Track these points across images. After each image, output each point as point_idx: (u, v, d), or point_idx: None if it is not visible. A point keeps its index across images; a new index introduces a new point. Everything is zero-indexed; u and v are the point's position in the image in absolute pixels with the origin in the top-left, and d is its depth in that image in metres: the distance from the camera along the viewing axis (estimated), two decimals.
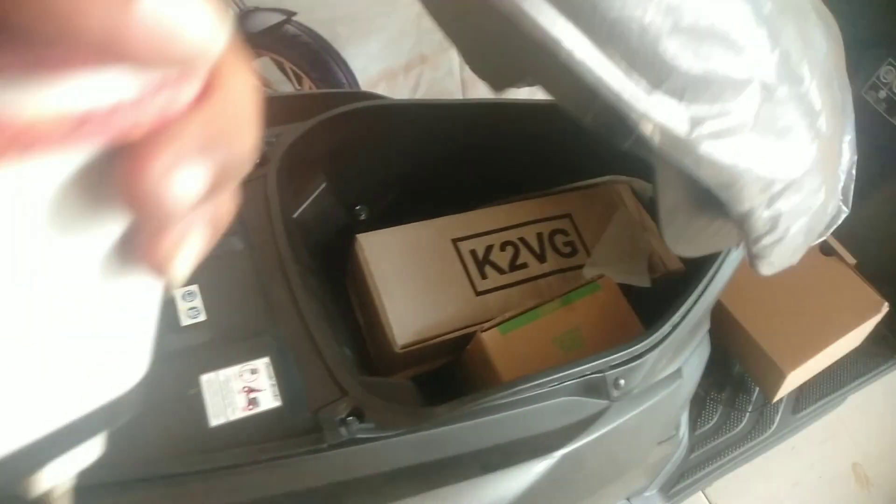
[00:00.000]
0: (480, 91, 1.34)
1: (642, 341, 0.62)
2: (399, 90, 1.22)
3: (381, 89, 1.20)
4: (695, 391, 1.06)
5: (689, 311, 0.65)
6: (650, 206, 0.91)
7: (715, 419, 1.04)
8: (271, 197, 0.66)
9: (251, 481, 0.49)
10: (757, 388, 1.05)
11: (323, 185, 0.73)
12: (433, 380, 0.77)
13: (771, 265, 0.57)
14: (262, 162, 0.69)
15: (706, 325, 0.85)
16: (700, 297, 0.66)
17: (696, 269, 0.70)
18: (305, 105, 0.77)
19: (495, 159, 0.87)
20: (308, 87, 1.14)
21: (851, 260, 0.93)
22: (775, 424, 1.04)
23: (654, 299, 0.74)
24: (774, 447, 1.12)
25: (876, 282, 0.95)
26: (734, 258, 0.69)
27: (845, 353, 1.03)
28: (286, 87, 1.10)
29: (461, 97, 1.31)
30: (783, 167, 0.45)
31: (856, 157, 0.60)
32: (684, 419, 0.97)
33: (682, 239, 0.60)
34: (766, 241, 0.51)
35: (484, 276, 0.80)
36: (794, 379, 0.94)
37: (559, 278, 0.82)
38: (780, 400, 1.05)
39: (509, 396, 0.56)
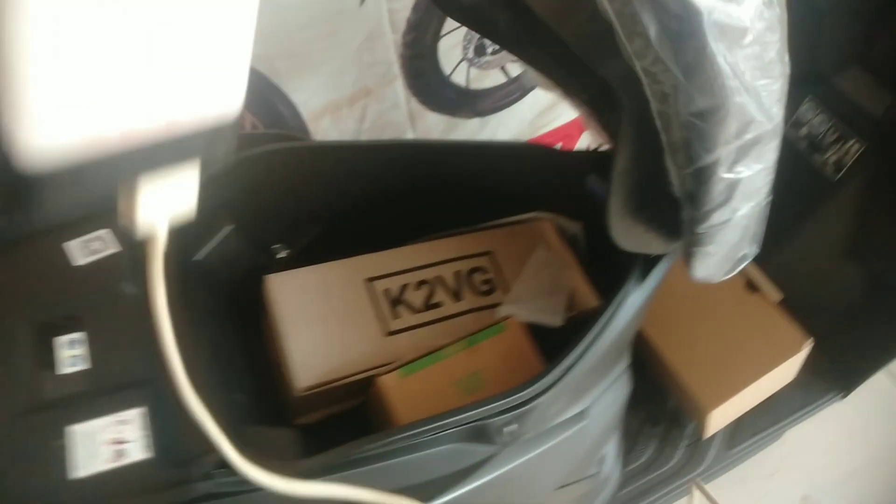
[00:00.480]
0: (429, 122, 1.35)
1: (529, 387, 0.62)
2: (345, 123, 1.23)
3: (326, 122, 1.21)
4: (627, 421, 1.06)
5: (581, 355, 0.65)
6: (574, 243, 0.91)
7: (648, 454, 1.04)
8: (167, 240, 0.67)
9: None
10: (692, 424, 1.04)
11: (229, 229, 0.73)
12: (354, 419, 0.77)
13: (706, 263, 0.57)
14: None
15: (622, 363, 0.85)
16: (594, 341, 0.66)
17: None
18: None
19: (417, 199, 0.88)
20: (249, 121, 1.15)
21: (777, 297, 0.93)
22: (708, 461, 1.03)
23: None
24: (722, 477, 1.11)
25: (804, 317, 0.95)
26: (633, 301, 0.69)
27: (780, 388, 1.02)
28: None
29: (410, 129, 1.32)
30: (761, 110, 0.46)
31: (770, 198, 0.60)
32: (611, 453, 0.96)
33: (625, 236, 0.61)
34: (715, 218, 0.51)
35: (396, 316, 0.80)
36: (721, 416, 0.93)
37: (474, 317, 0.82)
38: (715, 435, 1.05)
39: (382, 447, 0.56)
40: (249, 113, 1.13)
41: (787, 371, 0.93)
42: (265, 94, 1.11)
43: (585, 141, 1.56)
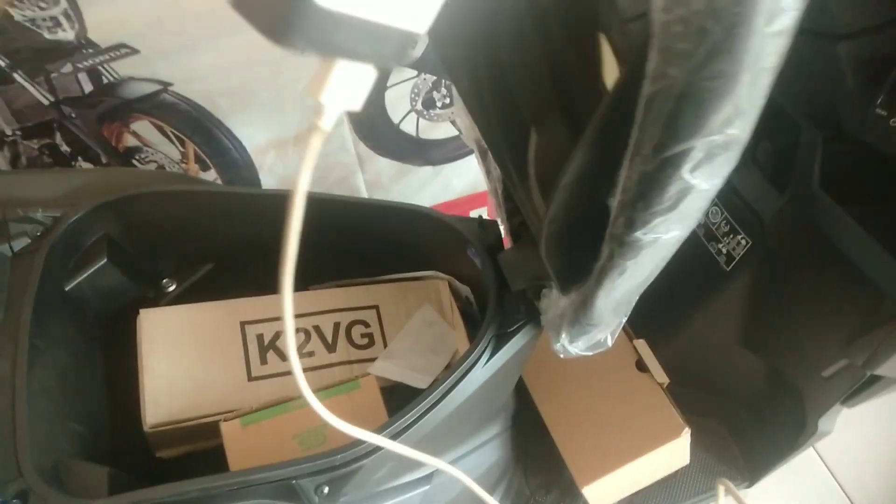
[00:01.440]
0: (379, 166, 1.38)
1: (347, 451, 0.62)
2: (291, 159, 1.26)
3: (271, 158, 1.25)
4: (519, 487, 1.04)
5: (410, 425, 0.65)
6: (466, 305, 0.92)
7: None
8: (34, 270, 0.70)
9: None
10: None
11: (101, 263, 0.76)
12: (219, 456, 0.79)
13: (614, 288, 0.54)
14: (43, 236, 0.74)
15: (490, 428, 0.85)
16: (426, 412, 0.66)
17: None
18: (111, 180, 0.81)
19: (315, 247, 0.89)
20: (192, 150, 1.19)
21: (663, 379, 0.92)
22: None
23: None
24: None
25: (708, 402, 0.93)
26: (477, 376, 0.69)
27: (675, 470, 1.00)
28: (168, 148, 1.16)
29: (359, 170, 1.35)
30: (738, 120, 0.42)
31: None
32: None
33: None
34: (653, 225, 0.48)
35: (264, 362, 0.81)
36: (598, 494, 0.92)
37: (345, 369, 0.84)
38: None
39: (176, 497, 0.57)
40: (192, 142, 1.17)
41: (671, 455, 0.92)
42: (208, 127, 1.15)
43: None
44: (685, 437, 0.89)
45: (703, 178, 0.46)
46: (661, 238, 0.52)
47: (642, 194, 0.48)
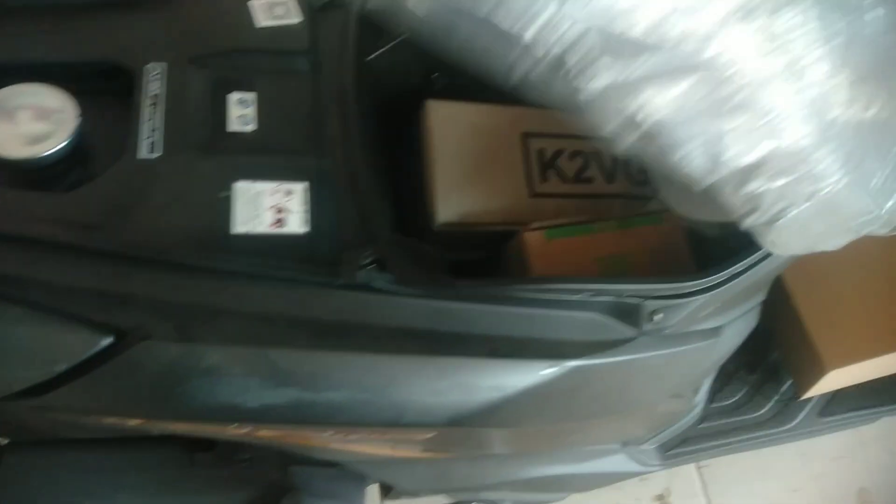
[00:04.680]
0: None
1: (693, 280, 0.58)
2: None
3: None
4: (725, 362, 1.02)
5: (749, 267, 0.60)
6: None
7: (736, 398, 1.00)
8: (350, 29, 0.62)
9: (256, 294, 0.48)
10: (789, 382, 0.99)
11: (403, 36, 0.68)
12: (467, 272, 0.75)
13: (775, 245, 0.53)
14: None
15: (761, 295, 0.80)
16: (761, 259, 0.60)
17: None
18: None
19: None
20: None
21: None
22: (795, 422, 0.99)
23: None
24: (785, 446, 1.07)
25: None
26: None
27: (886, 375, 0.96)
28: None
29: None
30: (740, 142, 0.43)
31: None
32: (706, 386, 0.93)
33: (683, 202, 0.59)
34: (751, 220, 0.49)
35: (545, 179, 0.75)
36: (835, 379, 0.88)
37: (622, 203, 0.77)
38: (810, 399, 1.00)
39: (537, 292, 0.53)
40: None
41: None
42: None
43: None
44: None
45: (763, 183, 0.46)
46: (783, 218, 0.48)
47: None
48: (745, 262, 0.60)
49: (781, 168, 0.46)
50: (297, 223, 0.52)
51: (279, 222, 0.51)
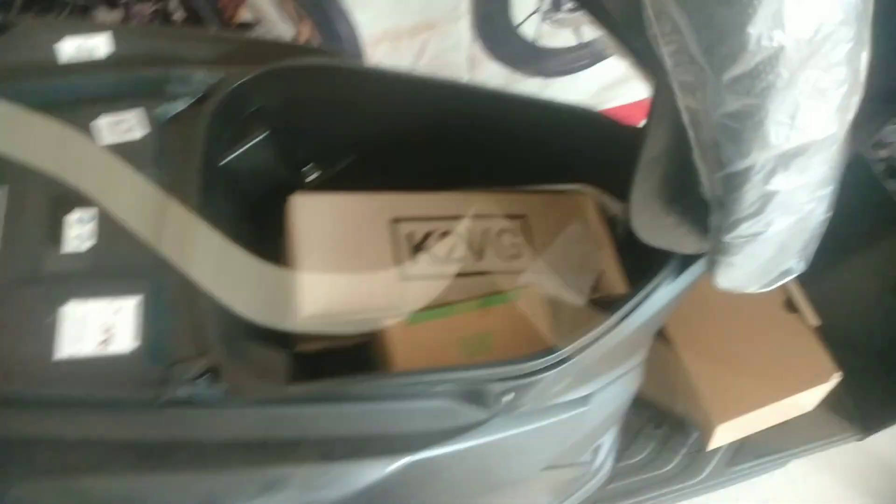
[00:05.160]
0: (488, 72, 1.29)
1: (536, 360, 0.59)
2: (402, 54, 1.18)
3: (383, 49, 1.16)
4: (631, 417, 1.02)
5: (596, 339, 0.61)
6: (613, 224, 0.86)
7: (644, 454, 1.00)
8: (198, 137, 0.64)
9: (75, 421, 0.48)
10: (696, 433, 1.00)
11: (263, 135, 0.70)
12: (353, 356, 0.75)
13: (730, 275, 0.52)
14: (201, 101, 0.67)
15: (637, 356, 0.81)
16: (612, 328, 0.62)
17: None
18: (259, 51, 0.74)
19: (462, 145, 0.83)
20: (309, 28, 1.10)
21: (814, 321, 0.87)
22: (705, 474, 0.99)
23: None
24: (711, 494, 1.08)
25: (835, 348, 0.89)
26: (662, 295, 0.65)
27: (795, 416, 0.98)
28: (282, 27, 1.08)
29: (467, 73, 1.26)
30: (810, 117, 0.39)
31: (829, 215, 0.55)
32: (606, 447, 0.93)
33: (648, 229, 0.57)
34: (743, 229, 0.46)
35: (414, 262, 0.76)
36: (728, 432, 0.89)
37: (492, 280, 0.79)
38: (718, 449, 1.01)
39: (374, 388, 0.54)
40: (310, 20, 1.09)
41: (807, 400, 0.88)
42: (326, 8, 1.07)
43: None
44: (833, 382, 0.85)
45: (786, 179, 0.42)
46: (765, 233, 0.46)
47: (721, 201, 0.44)
48: (589, 336, 0.61)
49: (806, 165, 0.42)
50: (126, 341, 0.52)
51: (106, 342, 0.52)
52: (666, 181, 0.53)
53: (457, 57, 1.22)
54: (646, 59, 0.54)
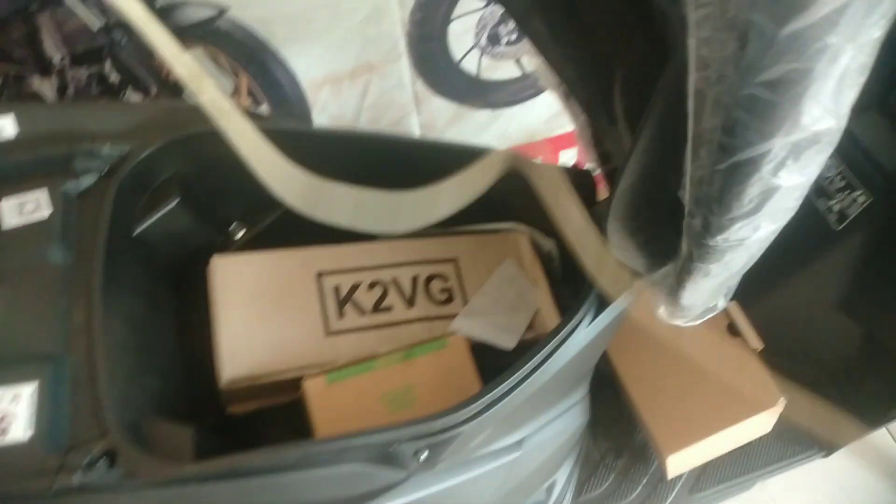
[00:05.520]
0: (435, 107, 1.30)
1: (448, 415, 0.58)
2: (345, 96, 1.19)
3: (326, 93, 1.17)
4: (590, 450, 1.01)
5: (512, 388, 0.60)
6: (548, 261, 0.86)
7: (605, 486, 0.99)
8: (104, 211, 0.64)
9: None
10: (657, 462, 0.99)
11: (174, 203, 0.70)
12: (291, 413, 0.75)
13: (697, 288, 0.49)
14: (109, 174, 0.67)
15: (576, 394, 0.81)
16: (529, 374, 0.61)
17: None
18: (176, 118, 0.74)
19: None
20: (245, 83, 1.11)
21: (757, 345, 0.86)
22: (667, 502, 0.98)
23: None
24: None
25: (790, 367, 0.88)
26: (580, 337, 0.64)
27: (754, 438, 0.96)
28: (221, 81, 1.08)
29: (414, 111, 1.27)
30: (837, 97, 0.34)
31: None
32: (560, 483, 0.92)
33: (625, 249, 0.55)
34: (735, 229, 0.42)
35: (341, 316, 0.76)
36: (681, 462, 0.88)
37: (425, 327, 0.78)
38: (679, 477, 1.00)
39: (274, 460, 0.53)
40: (246, 73, 1.10)
41: (758, 424, 0.87)
42: (263, 58, 1.08)
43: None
44: (780, 406, 0.84)
45: (788, 177, 0.38)
46: (749, 238, 0.44)
47: (717, 197, 0.41)
48: (504, 385, 0.60)
49: (812, 159, 0.38)
50: (21, 429, 0.52)
51: (3, 431, 0.51)
52: (635, 208, 0.52)
53: (401, 95, 1.23)
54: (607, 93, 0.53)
